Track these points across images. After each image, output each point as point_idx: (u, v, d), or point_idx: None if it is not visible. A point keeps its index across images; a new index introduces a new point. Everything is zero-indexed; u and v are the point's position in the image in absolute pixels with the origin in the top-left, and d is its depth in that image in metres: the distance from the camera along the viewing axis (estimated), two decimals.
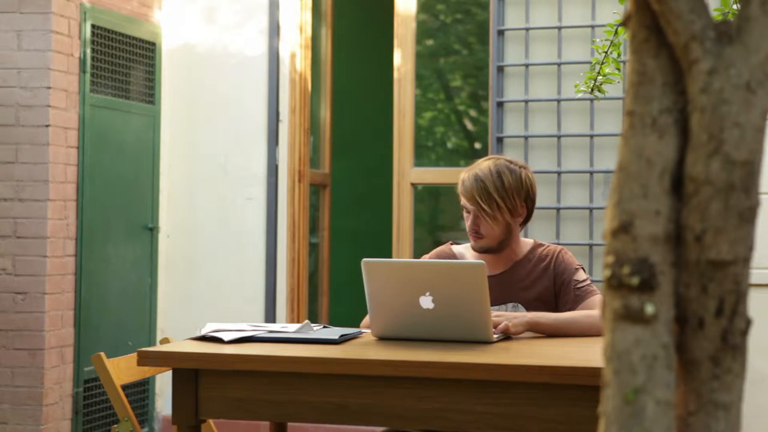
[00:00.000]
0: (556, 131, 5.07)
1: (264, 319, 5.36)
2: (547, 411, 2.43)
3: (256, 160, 5.45)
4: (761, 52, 1.36)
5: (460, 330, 2.79)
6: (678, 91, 1.43)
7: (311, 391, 2.60)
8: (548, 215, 5.09)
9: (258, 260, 5.42)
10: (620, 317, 1.38)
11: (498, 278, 3.18)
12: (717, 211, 1.38)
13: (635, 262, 1.38)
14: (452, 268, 2.83)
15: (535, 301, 3.18)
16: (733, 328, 1.38)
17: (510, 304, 3.19)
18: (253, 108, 5.46)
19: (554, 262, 3.24)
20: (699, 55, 1.38)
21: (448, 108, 10.97)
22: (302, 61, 5.51)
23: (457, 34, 10.51)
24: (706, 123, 1.38)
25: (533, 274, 3.21)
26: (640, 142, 1.42)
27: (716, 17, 2.33)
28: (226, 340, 2.79)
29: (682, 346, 1.40)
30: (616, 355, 1.37)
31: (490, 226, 3.14)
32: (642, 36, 1.44)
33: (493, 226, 3.14)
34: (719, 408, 1.37)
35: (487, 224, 3.14)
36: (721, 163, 1.37)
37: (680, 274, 1.41)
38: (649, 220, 1.40)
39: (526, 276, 3.21)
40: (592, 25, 5.01)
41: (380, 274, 2.84)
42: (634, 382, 1.34)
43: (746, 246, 1.39)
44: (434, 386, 2.51)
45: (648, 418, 1.33)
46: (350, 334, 2.89)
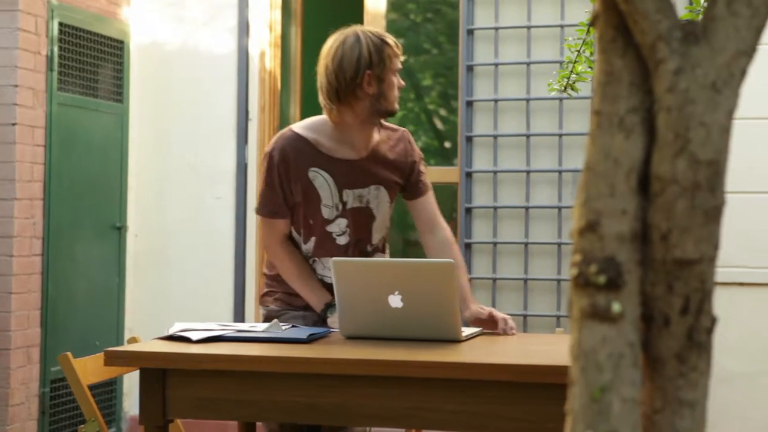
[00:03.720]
0: (525, 130, 5.09)
1: (233, 319, 5.34)
2: (515, 409, 2.44)
3: (225, 158, 5.43)
4: (727, 52, 1.37)
5: (428, 329, 2.79)
6: (645, 91, 1.43)
7: (280, 391, 2.60)
8: (517, 214, 5.10)
9: (227, 259, 5.40)
10: (587, 316, 1.38)
11: (361, 162, 3.15)
12: (683, 210, 1.38)
13: (602, 260, 1.39)
14: (421, 267, 2.83)
15: (395, 184, 3.23)
16: (698, 326, 1.38)
17: (372, 186, 3.17)
18: (222, 106, 5.44)
19: (408, 144, 3.30)
20: (665, 55, 1.39)
21: (418, 107, 10.97)
22: (272, 59, 5.50)
23: (427, 33, 10.52)
24: (673, 122, 1.39)
25: (392, 155, 3.22)
26: (607, 142, 1.43)
27: (687, 15, 2.36)
28: (194, 339, 2.78)
29: (648, 344, 1.41)
30: (583, 354, 1.37)
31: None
32: (609, 36, 1.45)
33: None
34: (684, 405, 1.38)
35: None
36: (687, 163, 1.38)
37: (646, 273, 1.42)
38: (615, 219, 1.40)
39: (385, 157, 3.20)
40: (561, 24, 5.02)
41: (349, 274, 2.83)
42: (601, 380, 1.35)
43: (712, 245, 1.40)
44: (403, 385, 2.51)
45: (614, 416, 1.34)
46: (319, 334, 2.88)
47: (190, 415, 2.70)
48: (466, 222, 5.14)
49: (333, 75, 3.08)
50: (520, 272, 5.07)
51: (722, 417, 4.72)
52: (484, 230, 5.16)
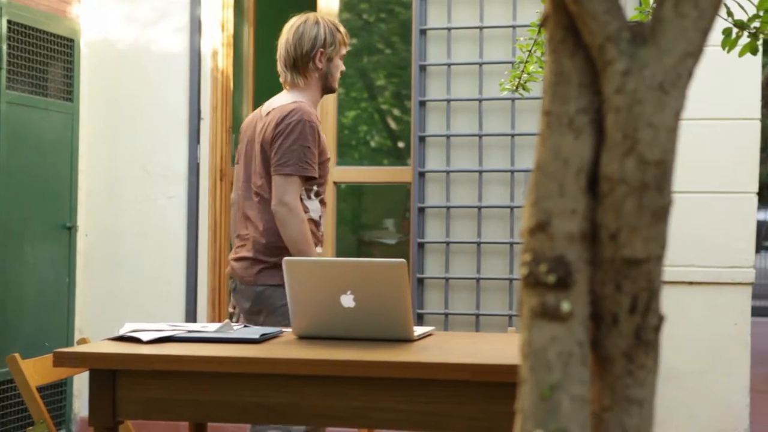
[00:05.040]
0: (478, 130, 5.11)
1: (185, 319, 5.31)
2: (466, 408, 2.45)
3: (177, 158, 5.40)
4: (674, 53, 1.39)
5: (381, 328, 2.79)
6: (594, 92, 1.44)
7: (231, 391, 2.58)
8: (469, 214, 5.12)
9: (179, 259, 5.37)
10: (537, 315, 1.39)
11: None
12: (631, 210, 1.39)
13: (552, 260, 1.40)
14: (373, 267, 2.83)
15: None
16: (646, 324, 1.40)
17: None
18: (174, 106, 5.41)
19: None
20: (614, 56, 1.40)
21: (372, 107, 10.98)
22: (224, 58, 5.48)
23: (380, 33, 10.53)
24: (621, 123, 1.40)
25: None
26: (556, 142, 1.44)
27: (636, 16, 2.38)
28: (144, 340, 2.76)
29: (597, 343, 1.42)
30: (532, 352, 1.38)
31: None
32: (559, 37, 1.46)
33: None
34: (633, 403, 1.39)
35: None
36: (635, 163, 1.39)
37: (596, 272, 1.43)
38: (565, 218, 1.41)
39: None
40: (514, 25, 5.05)
41: (301, 273, 2.83)
42: (550, 379, 1.36)
43: (659, 244, 1.41)
44: (355, 385, 2.51)
45: (563, 415, 1.35)
46: (271, 334, 2.88)
47: (140, 416, 2.68)
48: (418, 222, 5.15)
49: (292, 47, 3.59)
50: (473, 272, 5.09)
51: (670, 415, 4.77)
52: (436, 230, 5.17)
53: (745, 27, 2.16)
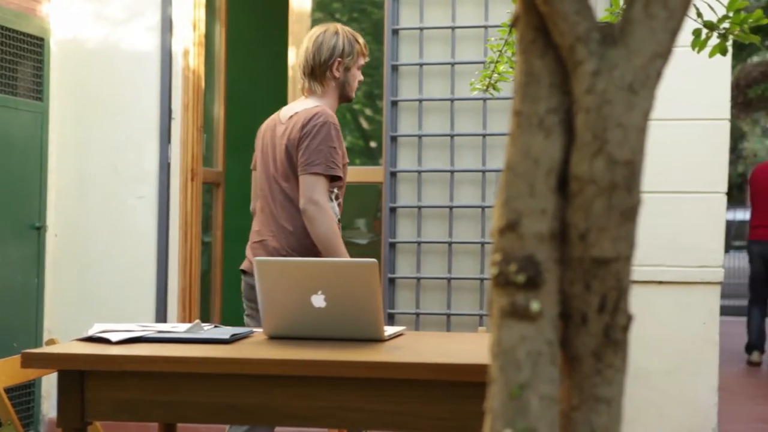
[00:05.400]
0: (450, 130, 5.12)
1: (155, 319, 5.28)
2: (436, 408, 2.45)
3: (147, 158, 5.37)
4: (643, 54, 1.39)
5: (351, 328, 2.79)
6: (564, 92, 1.45)
7: (201, 392, 2.57)
8: (441, 214, 5.13)
9: (149, 259, 5.34)
10: (506, 314, 1.39)
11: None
12: (600, 210, 1.40)
13: (522, 259, 1.40)
14: (344, 267, 2.83)
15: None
16: (615, 324, 1.40)
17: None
18: (144, 105, 5.38)
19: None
20: (584, 57, 1.40)
21: (344, 106, 10.98)
22: (195, 57, 5.45)
23: None
24: (591, 123, 1.40)
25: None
26: (527, 142, 1.44)
27: (606, 17, 2.39)
28: (113, 340, 2.75)
29: (566, 342, 1.42)
30: (502, 352, 1.38)
31: None
32: (529, 37, 1.46)
33: None
34: (601, 402, 1.39)
35: None
36: (604, 163, 1.39)
37: (565, 272, 1.43)
38: (535, 218, 1.41)
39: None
40: (485, 25, 5.06)
41: (272, 273, 2.82)
42: (520, 378, 1.36)
43: (628, 244, 1.41)
44: (325, 385, 2.51)
45: (532, 414, 1.35)
46: (241, 334, 2.87)
47: (109, 417, 2.66)
48: (390, 221, 5.15)
49: (311, 55, 3.69)
50: (444, 271, 5.10)
51: (639, 414, 4.79)
52: (408, 230, 5.17)
53: (714, 28, 2.17)
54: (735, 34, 2.15)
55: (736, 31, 2.14)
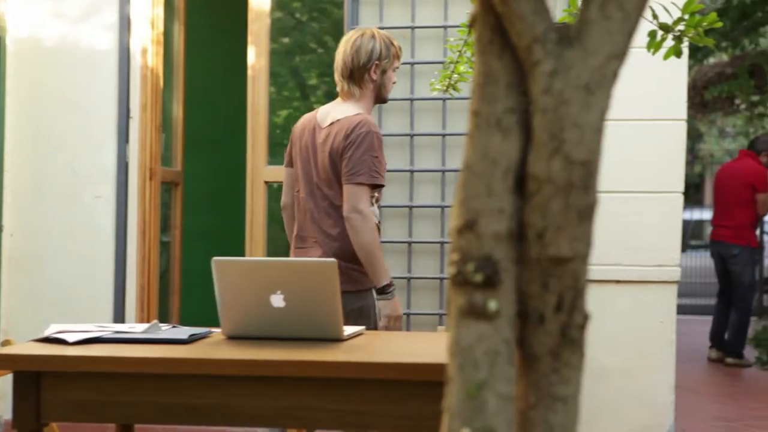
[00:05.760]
0: (409, 130, 5.12)
1: (113, 320, 5.24)
2: (395, 407, 2.45)
3: (105, 157, 5.33)
4: (600, 54, 1.40)
5: (311, 328, 2.79)
6: (521, 92, 1.45)
7: (159, 392, 2.56)
8: (401, 213, 5.14)
9: (107, 259, 5.30)
10: (464, 314, 1.40)
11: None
12: (557, 209, 1.41)
13: (479, 259, 1.41)
14: (303, 267, 2.83)
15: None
16: (571, 323, 1.41)
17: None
18: (102, 104, 5.34)
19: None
20: (541, 57, 1.41)
21: (304, 106, 10.96)
22: (154, 56, 5.42)
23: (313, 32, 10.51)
24: (548, 123, 1.41)
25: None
26: (484, 142, 1.45)
27: (564, 18, 2.41)
28: (70, 341, 2.72)
29: (524, 341, 1.43)
30: (460, 351, 1.39)
31: None
32: (487, 37, 1.47)
33: None
34: (558, 401, 1.40)
35: None
36: (561, 163, 1.40)
37: (522, 271, 1.44)
38: (493, 218, 1.42)
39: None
40: (445, 25, 5.07)
41: (231, 273, 2.81)
42: (477, 377, 1.37)
43: (585, 243, 1.42)
44: (284, 385, 2.50)
45: (490, 413, 1.35)
46: (199, 334, 2.85)
47: (66, 419, 2.64)
48: None
49: (349, 59, 3.78)
50: (404, 271, 5.11)
51: (597, 412, 4.83)
52: None
53: (669, 30, 2.19)
54: (690, 37, 2.17)
55: (690, 34, 2.16)
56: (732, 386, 7.14)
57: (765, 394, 6.73)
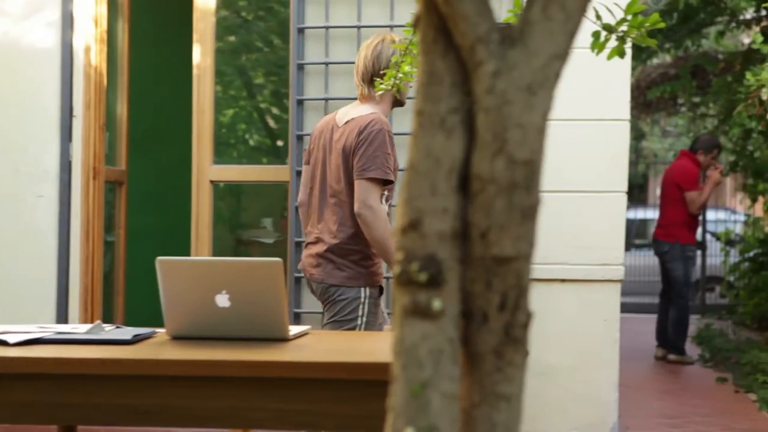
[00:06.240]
0: None
1: (56, 320, 5.18)
2: (340, 406, 2.45)
3: (48, 156, 5.27)
4: (542, 55, 1.41)
5: (256, 328, 2.78)
6: (465, 92, 1.46)
7: (102, 393, 2.53)
8: None
9: (50, 259, 5.24)
10: (408, 313, 1.40)
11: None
12: (501, 209, 1.42)
13: (423, 258, 1.41)
14: (248, 266, 2.81)
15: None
16: (515, 321, 1.42)
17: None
18: (45, 102, 5.27)
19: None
20: (484, 57, 1.42)
21: (250, 105, 10.91)
22: (97, 54, 5.36)
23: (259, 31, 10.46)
24: (491, 123, 1.42)
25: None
26: (428, 141, 1.45)
27: (509, 18, 2.42)
28: (11, 342, 2.69)
29: (468, 340, 1.43)
30: (404, 350, 1.39)
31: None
32: (431, 37, 1.47)
33: None
34: (501, 399, 1.41)
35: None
36: (504, 162, 1.41)
37: (466, 270, 1.44)
38: (437, 217, 1.42)
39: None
40: (391, 25, 5.08)
41: (175, 273, 2.79)
42: (421, 376, 1.37)
43: (528, 242, 1.43)
44: (229, 385, 2.49)
45: (434, 412, 1.36)
46: (143, 334, 2.83)
47: (8, 421, 2.60)
48: (296, 220, 5.13)
49: (370, 62, 3.87)
50: None
51: (542, 410, 4.86)
52: None
53: (612, 30, 2.21)
54: (633, 37, 2.19)
55: (633, 34, 2.18)
56: (675, 384, 7.23)
57: (707, 391, 6.82)
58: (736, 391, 6.73)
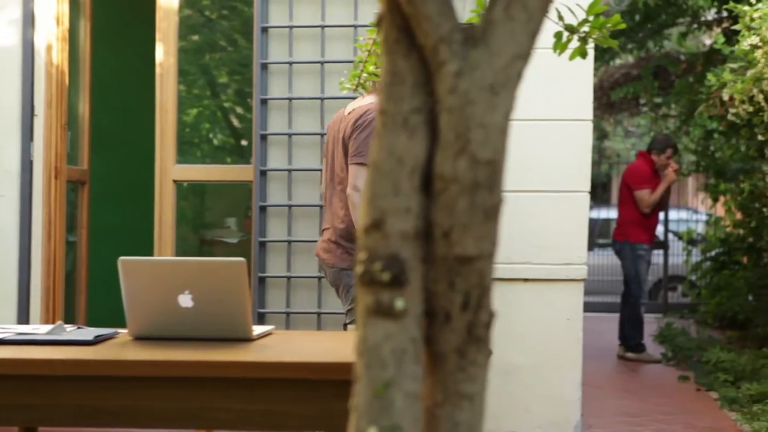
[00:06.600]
0: (320, 129, 5.11)
1: (17, 321, 5.13)
2: (303, 406, 2.45)
3: (9, 155, 5.21)
4: (504, 55, 1.42)
5: (219, 328, 2.77)
6: (428, 92, 1.46)
7: (64, 394, 2.51)
8: (311, 212, 5.12)
9: (11, 259, 5.18)
10: (371, 312, 1.40)
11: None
12: (463, 209, 1.42)
13: (386, 258, 1.41)
14: (212, 266, 2.80)
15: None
16: (477, 321, 1.42)
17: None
18: (6, 101, 5.22)
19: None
20: (447, 57, 1.42)
21: (214, 105, 10.86)
22: (59, 53, 5.32)
23: (223, 30, 10.42)
24: (454, 123, 1.42)
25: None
26: (391, 141, 1.45)
27: (472, 18, 2.42)
28: None
29: (431, 340, 1.44)
30: (367, 350, 1.39)
31: None
32: (393, 37, 1.47)
33: None
34: (464, 398, 1.41)
35: None
36: (467, 162, 1.41)
37: (429, 270, 1.44)
38: (399, 217, 1.43)
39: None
40: (355, 24, 5.08)
41: (138, 273, 2.77)
42: (384, 376, 1.37)
43: (491, 242, 1.44)
44: (192, 385, 2.48)
45: (397, 411, 1.36)
46: (105, 335, 2.81)
47: None
48: (260, 220, 5.12)
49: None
50: (314, 270, 5.10)
51: (506, 408, 4.88)
52: (278, 228, 5.15)
53: (575, 31, 2.22)
54: (594, 38, 2.20)
55: (595, 35, 2.19)
56: (637, 382, 7.28)
57: (669, 389, 6.88)
58: (698, 390, 6.78)
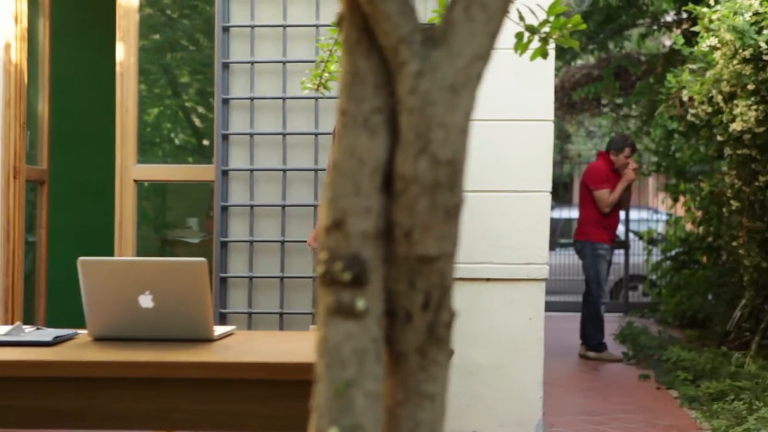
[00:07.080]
0: (282, 129, 5.11)
1: None
2: (266, 407, 2.44)
3: None
4: (464, 55, 1.42)
5: (180, 328, 2.76)
6: (389, 92, 1.46)
7: (23, 396, 2.49)
8: (273, 212, 5.11)
9: None
10: (332, 312, 1.40)
11: None
12: (424, 209, 1.42)
13: (347, 258, 1.41)
14: (172, 267, 2.79)
15: None
16: (438, 320, 1.43)
17: None
18: None
19: None
20: (407, 58, 1.42)
21: (176, 104, 10.81)
22: (18, 52, 5.27)
23: (184, 29, 10.37)
24: (414, 123, 1.42)
25: None
26: (352, 141, 1.45)
27: (434, 18, 2.43)
28: None
29: (392, 339, 1.44)
30: (328, 350, 1.39)
31: None
32: (354, 37, 1.47)
33: None
34: (425, 398, 1.41)
35: None
36: (428, 162, 1.42)
37: (390, 270, 1.45)
38: (360, 217, 1.43)
39: None
40: (317, 24, 5.07)
41: (97, 273, 2.76)
42: (345, 376, 1.37)
43: (451, 242, 1.44)
44: (153, 386, 2.47)
45: (357, 411, 1.36)
46: (65, 336, 2.79)
47: None
48: (222, 220, 5.10)
49: None
50: (277, 270, 5.09)
51: (470, 408, 4.90)
52: (240, 229, 5.14)
53: (535, 31, 2.23)
54: (555, 38, 2.21)
55: (556, 35, 2.20)
56: (598, 381, 7.33)
57: (630, 388, 6.93)
58: (658, 388, 6.84)
